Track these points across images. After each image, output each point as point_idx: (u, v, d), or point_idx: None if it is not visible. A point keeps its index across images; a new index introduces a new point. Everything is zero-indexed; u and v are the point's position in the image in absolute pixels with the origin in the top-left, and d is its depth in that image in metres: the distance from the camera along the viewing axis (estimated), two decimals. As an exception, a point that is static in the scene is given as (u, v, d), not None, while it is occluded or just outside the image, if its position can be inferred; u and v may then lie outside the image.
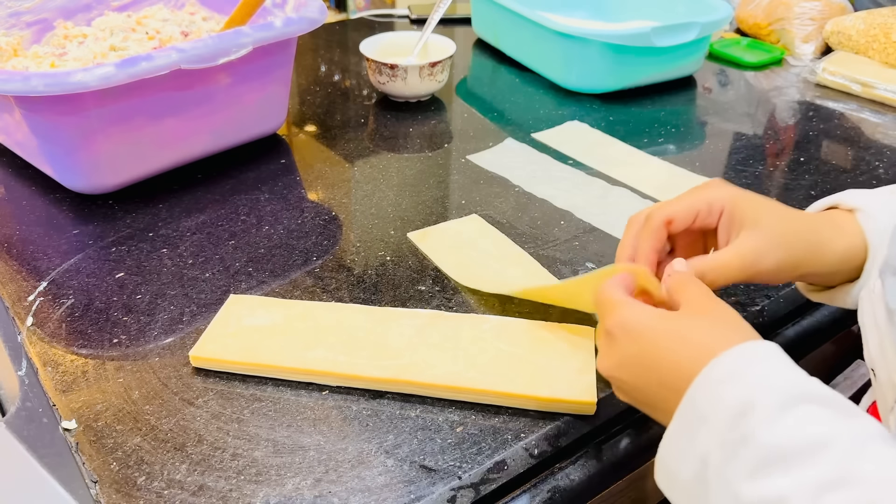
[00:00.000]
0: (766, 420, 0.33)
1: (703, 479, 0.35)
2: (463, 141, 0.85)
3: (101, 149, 0.68)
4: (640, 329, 0.40)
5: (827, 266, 0.47)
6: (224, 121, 0.76)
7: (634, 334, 0.40)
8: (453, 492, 0.44)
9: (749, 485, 0.32)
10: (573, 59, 0.94)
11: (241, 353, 0.51)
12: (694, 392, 0.36)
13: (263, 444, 0.46)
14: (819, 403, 0.33)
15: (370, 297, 0.59)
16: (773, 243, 0.45)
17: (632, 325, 0.40)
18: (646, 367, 0.39)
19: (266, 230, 0.68)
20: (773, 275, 0.46)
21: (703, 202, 0.47)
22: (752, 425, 0.33)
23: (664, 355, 0.38)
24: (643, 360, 0.39)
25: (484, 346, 0.52)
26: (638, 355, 0.40)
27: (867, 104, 0.95)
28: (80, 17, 0.89)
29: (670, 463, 0.37)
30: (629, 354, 0.40)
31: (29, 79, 0.60)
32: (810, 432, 0.32)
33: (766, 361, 0.35)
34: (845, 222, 0.47)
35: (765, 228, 0.45)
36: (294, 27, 0.73)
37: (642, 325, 0.40)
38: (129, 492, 0.43)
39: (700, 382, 0.36)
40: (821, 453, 0.31)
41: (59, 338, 0.55)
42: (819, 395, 0.34)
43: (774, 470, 0.32)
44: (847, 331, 0.66)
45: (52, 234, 0.67)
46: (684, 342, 0.38)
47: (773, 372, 0.35)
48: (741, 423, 0.33)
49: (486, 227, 0.68)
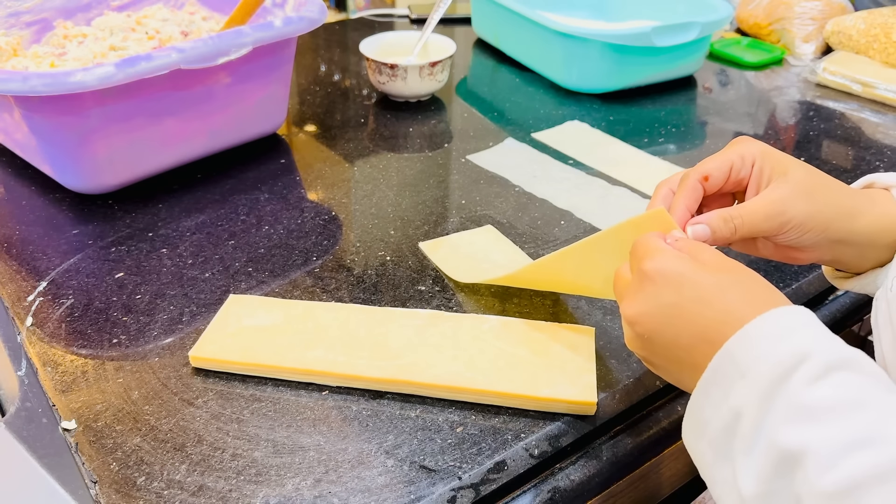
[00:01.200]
0: (809, 379, 0.33)
1: (733, 432, 0.35)
2: (463, 141, 0.85)
3: (101, 149, 0.68)
4: (682, 279, 0.39)
5: (858, 235, 0.46)
6: (224, 121, 0.76)
7: (675, 283, 0.39)
8: (453, 492, 0.44)
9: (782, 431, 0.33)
10: (573, 59, 0.94)
11: (240, 353, 0.51)
12: (733, 346, 0.36)
13: (263, 444, 0.46)
14: (860, 372, 0.34)
15: (370, 297, 0.59)
16: (802, 193, 0.45)
17: (673, 274, 0.39)
18: (681, 317, 0.39)
19: (266, 230, 0.68)
20: (801, 230, 0.45)
21: (735, 154, 0.47)
22: (794, 383, 0.33)
23: (701, 308, 0.38)
24: (680, 311, 0.39)
25: (484, 346, 0.52)
26: (675, 304, 0.39)
27: (867, 104, 0.95)
28: (80, 16, 0.89)
29: (700, 415, 0.37)
30: (665, 303, 0.39)
31: (28, 79, 0.60)
32: (847, 394, 0.33)
33: (810, 327, 0.36)
34: (879, 195, 0.47)
35: (794, 178, 0.45)
36: (294, 27, 0.73)
37: (684, 276, 0.39)
38: (129, 492, 0.43)
39: (741, 338, 0.36)
40: (854, 413, 0.32)
41: (58, 338, 0.55)
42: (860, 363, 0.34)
43: (807, 420, 0.32)
44: (847, 330, 0.66)
45: (51, 234, 0.67)
46: (724, 298, 0.38)
47: (819, 337, 0.35)
48: (784, 380, 0.34)
49: (500, 239, 0.66)
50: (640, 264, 0.41)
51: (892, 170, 0.79)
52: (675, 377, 0.41)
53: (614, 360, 0.53)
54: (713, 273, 0.39)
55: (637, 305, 0.41)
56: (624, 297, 0.43)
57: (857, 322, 0.67)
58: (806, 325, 0.36)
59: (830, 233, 0.45)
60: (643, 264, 0.41)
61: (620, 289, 0.44)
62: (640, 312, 0.41)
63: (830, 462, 0.31)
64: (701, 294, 0.38)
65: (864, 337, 0.72)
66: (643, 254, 0.42)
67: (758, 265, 0.63)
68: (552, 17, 0.95)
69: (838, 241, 0.46)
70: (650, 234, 0.43)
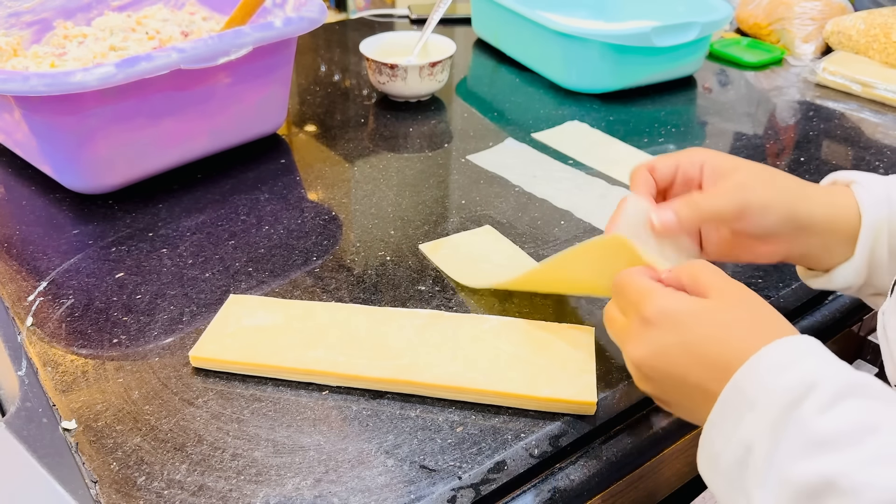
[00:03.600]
0: (819, 408, 0.33)
1: (745, 464, 0.35)
2: (463, 141, 0.85)
3: (101, 149, 0.68)
4: (681, 317, 0.39)
5: (819, 222, 0.47)
6: (224, 121, 0.76)
7: (676, 322, 0.39)
8: (453, 492, 0.44)
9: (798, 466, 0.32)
10: (573, 59, 0.94)
11: (240, 353, 0.51)
12: (740, 379, 0.36)
13: (263, 444, 0.46)
14: (870, 397, 0.34)
15: (370, 297, 0.59)
16: (760, 180, 0.47)
17: (672, 313, 0.40)
18: (689, 355, 0.39)
19: (266, 230, 0.68)
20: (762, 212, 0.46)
21: (683, 156, 0.50)
22: (804, 413, 0.33)
23: (707, 344, 0.38)
24: (686, 350, 0.39)
25: (484, 346, 0.52)
26: (679, 343, 0.39)
27: (867, 104, 0.95)
28: (80, 16, 0.89)
29: (711, 448, 0.37)
30: (669, 343, 0.39)
31: (28, 79, 0.60)
32: (861, 419, 0.32)
33: (815, 355, 0.36)
34: (839, 188, 0.49)
35: (749, 168, 0.48)
36: (294, 27, 0.73)
37: (683, 314, 0.39)
38: (129, 492, 0.43)
39: (747, 370, 0.36)
40: (870, 436, 0.32)
41: (58, 338, 0.55)
42: (870, 387, 0.34)
43: (824, 452, 0.32)
44: (848, 330, 0.66)
45: (51, 234, 0.67)
46: (729, 331, 0.38)
47: (825, 364, 0.35)
48: (792, 411, 0.34)
49: (499, 239, 0.66)
50: (638, 309, 0.41)
51: (891, 171, 0.79)
52: (689, 413, 0.41)
53: (614, 360, 0.53)
54: (714, 307, 0.39)
55: (642, 349, 0.41)
56: (626, 342, 0.43)
57: (857, 322, 0.67)
58: (811, 352, 0.36)
59: (791, 217, 0.47)
60: (642, 309, 0.41)
61: (618, 333, 0.44)
62: (646, 356, 0.41)
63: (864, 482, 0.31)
64: (704, 331, 0.39)
65: (864, 337, 0.72)
66: (638, 298, 0.42)
67: (755, 267, 0.63)
68: (552, 17, 0.95)
69: (800, 229, 0.47)
70: (636, 273, 0.43)
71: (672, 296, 0.41)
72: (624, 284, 0.43)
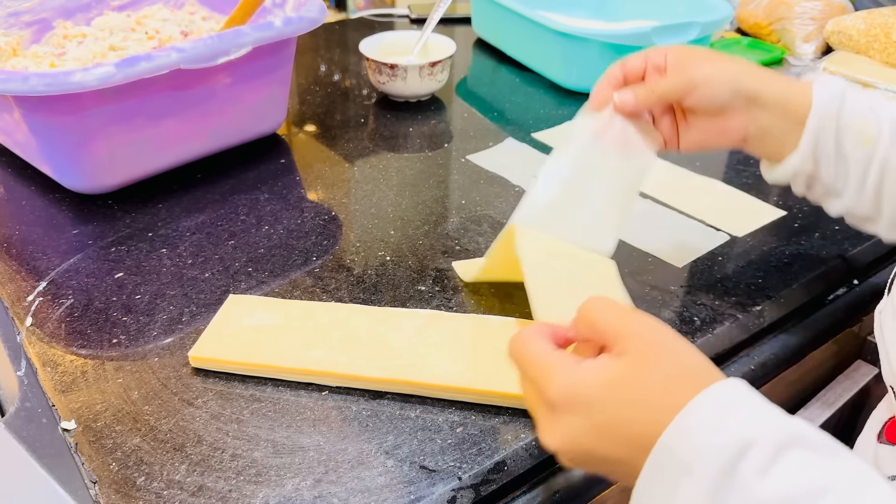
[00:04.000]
0: (760, 469, 0.31)
1: None
2: (463, 141, 0.85)
3: (101, 149, 0.68)
4: (588, 398, 0.35)
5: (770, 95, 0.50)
6: (224, 121, 0.76)
7: (582, 404, 0.36)
8: (453, 492, 0.44)
9: None
10: (573, 59, 0.94)
11: (240, 353, 0.51)
12: (670, 440, 0.33)
13: (263, 444, 0.46)
14: (809, 448, 0.31)
15: (370, 297, 0.59)
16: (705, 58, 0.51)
17: (577, 395, 0.36)
18: (607, 434, 0.35)
19: (266, 230, 0.68)
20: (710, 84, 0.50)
21: (651, 49, 0.55)
22: (745, 476, 0.31)
23: (621, 424, 0.35)
24: (599, 431, 0.35)
25: (484, 346, 0.52)
26: (591, 427, 0.35)
27: (867, 104, 0.95)
28: (80, 16, 0.89)
29: None
30: (581, 427, 0.36)
31: (28, 79, 0.60)
32: (807, 479, 0.30)
33: (745, 404, 0.33)
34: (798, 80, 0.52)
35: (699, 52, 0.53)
36: (294, 27, 0.73)
37: (589, 394, 0.35)
38: (129, 492, 0.43)
39: (676, 430, 0.33)
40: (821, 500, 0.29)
41: (58, 338, 0.55)
42: (807, 438, 0.32)
43: None
44: (848, 330, 0.66)
45: (51, 234, 0.67)
46: (643, 406, 0.34)
47: (757, 415, 0.33)
48: (732, 474, 0.31)
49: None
50: (540, 391, 0.38)
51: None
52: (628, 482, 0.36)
53: (614, 361, 0.53)
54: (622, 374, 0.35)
55: (556, 438, 0.37)
56: (538, 426, 0.39)
57: (857, 322, 0.67)
58: (742, 400, 0.33)
59: (738, 90, 0.50)
60: (545, 392, 0.37)
61: (531, 410, 0.40)
62: (560, 444, 0.37)
63: None
64: (615, 410, 0.35)
65: (864, 337, 0.72)
66: (537, 375, 0.38)
67: (755, 267, 0.63)
68: (552, 16, 0.95)
69: (750, 101, 0.51)
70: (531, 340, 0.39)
71: (573, 371, 0.36)
72: (522, 358, 0.39)
